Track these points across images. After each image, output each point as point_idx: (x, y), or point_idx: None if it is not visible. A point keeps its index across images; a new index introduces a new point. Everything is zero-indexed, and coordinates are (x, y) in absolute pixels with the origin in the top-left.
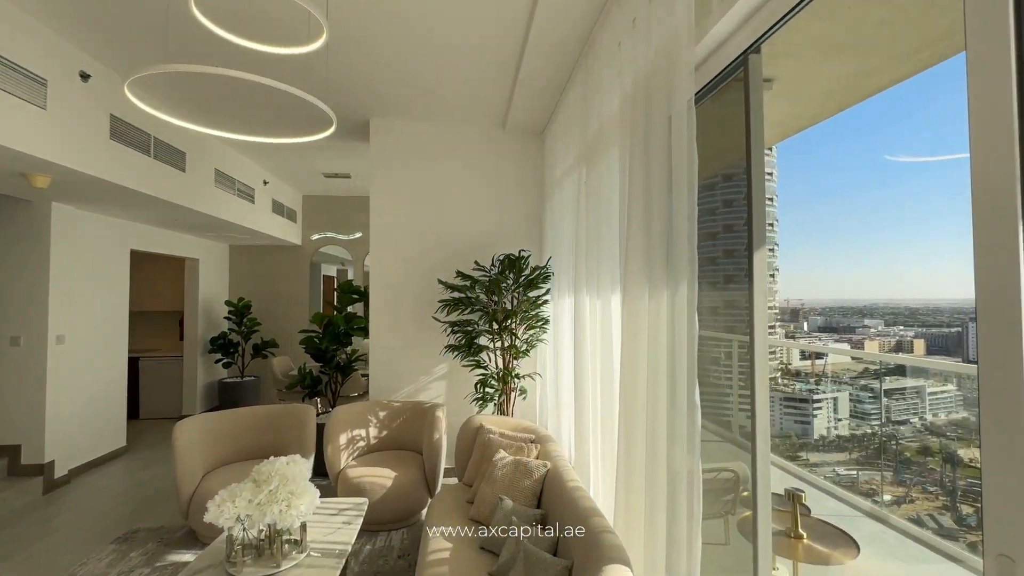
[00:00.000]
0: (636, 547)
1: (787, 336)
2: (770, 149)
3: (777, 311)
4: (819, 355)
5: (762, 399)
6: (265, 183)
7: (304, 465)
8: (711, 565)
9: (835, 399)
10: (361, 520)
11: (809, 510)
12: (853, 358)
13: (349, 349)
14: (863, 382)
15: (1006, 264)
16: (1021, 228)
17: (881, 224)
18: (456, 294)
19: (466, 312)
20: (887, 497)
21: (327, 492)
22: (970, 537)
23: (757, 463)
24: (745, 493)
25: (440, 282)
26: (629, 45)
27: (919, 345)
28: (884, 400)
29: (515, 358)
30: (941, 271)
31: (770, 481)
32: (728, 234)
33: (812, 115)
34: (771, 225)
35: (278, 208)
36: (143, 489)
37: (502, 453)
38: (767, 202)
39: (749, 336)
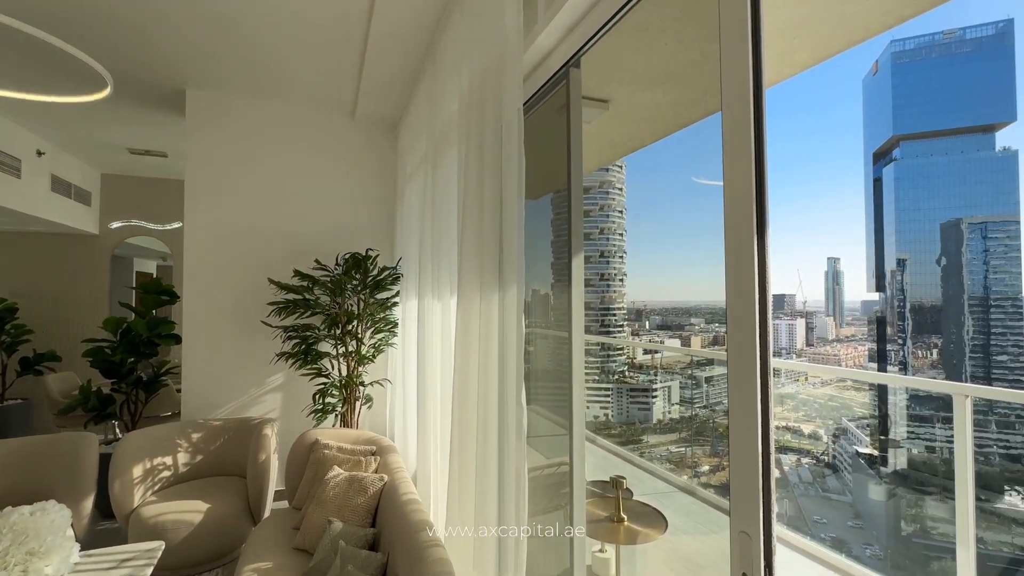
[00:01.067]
0: (467, 554)
1: (633, 334)
2: (620, 166)
3: (625, 311)
4: (656, 350)
5: (578, 394)
6: (40, 154)
7: (59, 513)
8: (551, 556)
9: (668, 387)
10: (151, 568)
11: (631, 493)
12: (687, 353)
13: (156, 360)
14: (690, 372)
15: (744, 269)
16: (755, 241)
17: (697, 234)
18: (292, 295)
19: (305, 315)
20: (705, 467)
21: (116, 539)
22: None
23: (573, 454)
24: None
25: (272, 282)
26: (467, 44)
27: None
28: (704, 386)
29: (360, 364)
30: None
31: (584, 470)
32: (584, 242)
33: (643, 137)
34: (621, 235)
35: (62, 187)
36: None
37: (336, 470)
38: (618, 214)
39: (568, 334)
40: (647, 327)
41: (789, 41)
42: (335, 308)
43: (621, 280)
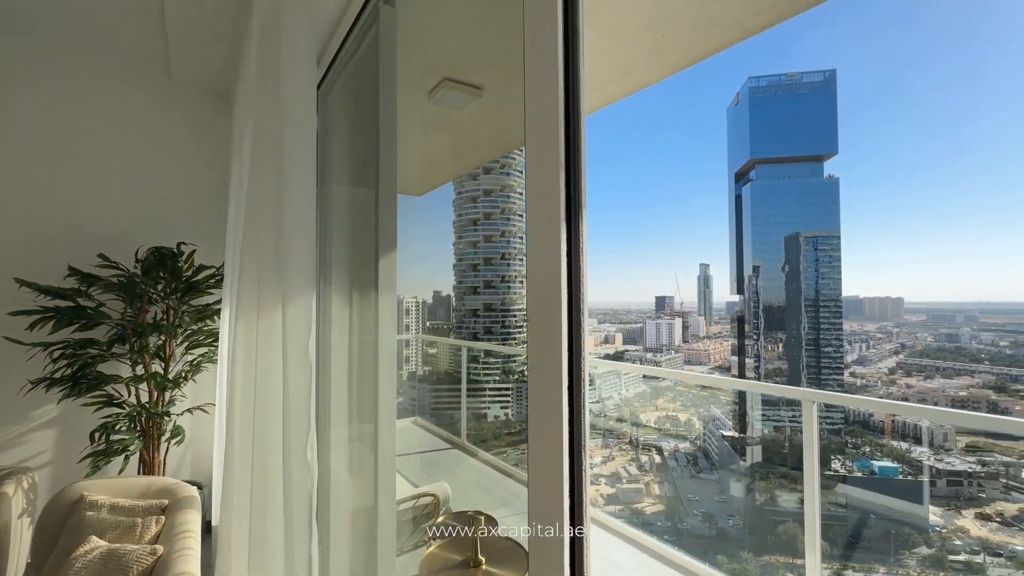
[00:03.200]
0: None
1: None
2: (520, 171)
3: (525, 313)
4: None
5: (387, 415)
6: None
7: None
8: None
9: None
10: None
11: (496, 523)
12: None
13: None
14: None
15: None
16: (564, 239)
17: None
18: (59, 301)
19: (88, 327)
20: (597, 459)
21: None
22: (646, 478)
23: (380, 486)
24: (442, 518)
25: (21, 283)
26: None
27: (619, 337)
28: (596, 382)
29: (165, 389)
30: (635, 282)
31: (394, 502)
32: (486, 244)
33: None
34: (521, 239)
35: None
36: None
37: (93, 542)
38: (518, 218)
39: (373, 338)
40: None
41: (659, 38)
42: (128, 318)
43: (521, 283)
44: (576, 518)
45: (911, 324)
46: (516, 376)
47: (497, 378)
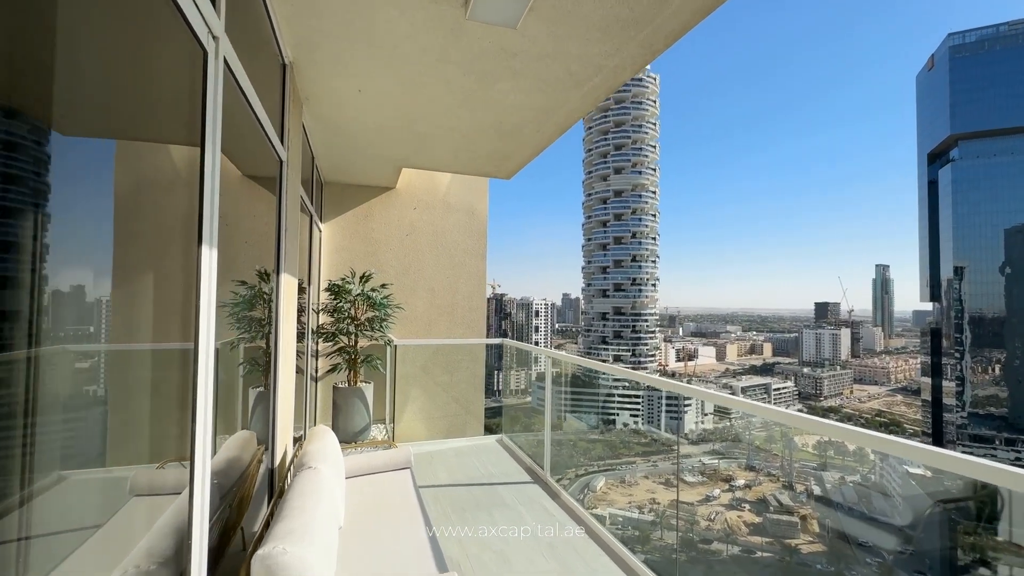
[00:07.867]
0: None
1: (665, 340)
2: (653, 168)
3: (657, 317)
4: (691, 356)
5: (203, 425)
6: None
7: None
8: None
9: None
10: None
11: None
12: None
13: None
14: (724, 381)
15: None
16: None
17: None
18: None
19: None
20: (740, 482)
21: None
22: (802, 510)
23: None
24: None
25: None
26: None
27: (768, 348)
28: (739, 396)
29: None
30: (781, 284)
31: None
32: (615, 247)
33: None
34: (654, 239)
35: None
36: None
37: None
38: (651, 218)
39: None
40: (680, 333)
41: None
42: None
43: (654, 285)
44: None
45: None
46: (648, 383)
47: (626, 384)
